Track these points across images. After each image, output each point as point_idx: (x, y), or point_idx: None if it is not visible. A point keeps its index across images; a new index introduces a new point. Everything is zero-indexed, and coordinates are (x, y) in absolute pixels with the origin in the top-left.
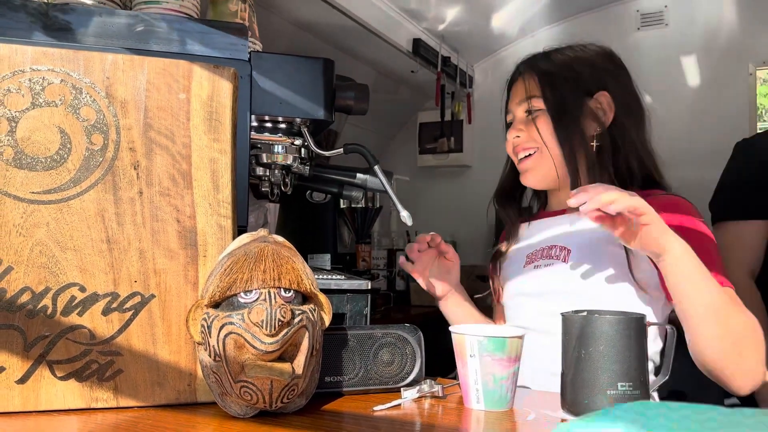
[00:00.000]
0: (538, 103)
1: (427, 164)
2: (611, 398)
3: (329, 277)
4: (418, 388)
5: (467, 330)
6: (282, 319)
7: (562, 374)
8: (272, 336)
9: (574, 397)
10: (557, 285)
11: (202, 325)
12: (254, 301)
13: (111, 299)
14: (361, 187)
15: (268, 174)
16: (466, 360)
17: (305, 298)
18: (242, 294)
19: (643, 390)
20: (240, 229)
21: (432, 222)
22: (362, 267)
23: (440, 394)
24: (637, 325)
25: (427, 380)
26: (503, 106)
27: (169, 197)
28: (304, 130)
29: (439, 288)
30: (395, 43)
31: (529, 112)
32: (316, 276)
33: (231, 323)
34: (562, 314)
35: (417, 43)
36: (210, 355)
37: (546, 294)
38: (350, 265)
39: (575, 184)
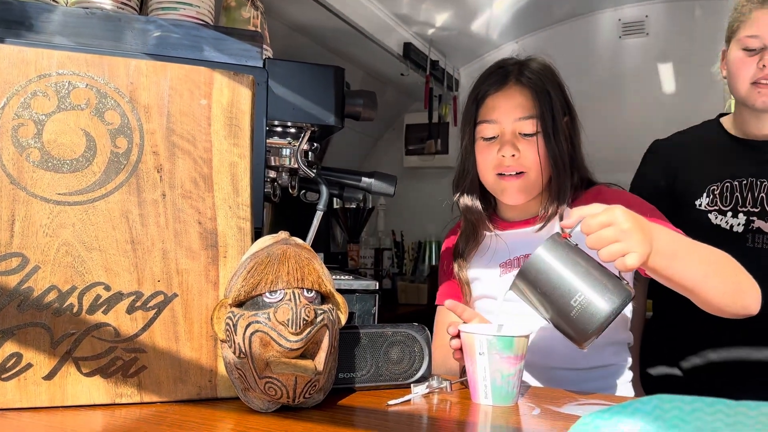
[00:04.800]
0: (537, 124)
1: (412, 165)
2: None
3: (338, 277)
4: (427, 383)
5: (476, 329)
6: (306, 318)
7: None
8: (297, 334)
9: (572, 333)
10: None
11: (227, 324)
12: (279, 300)
13: (135, 298)
14: (365, 191)
15: (275, 177)
16: (475, 358)
17: (323, 298)
18: (267, 294)
19: (606, 290)
20: (256, 230)
21: (417, 222)
22: (350, 266)
23: (448, 390)
24: (562, 245)
25: (435, 377)
26: (471, 109)
27: (191, 200)
28: (306, 134)
29: None
30: (387, 46)
31: (524, 133)
32: None
33: (257, 322)
34: (510, 288)
35: (408, 47)
36: (234, 352)
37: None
38: (343, 265)
39: (545, 195)
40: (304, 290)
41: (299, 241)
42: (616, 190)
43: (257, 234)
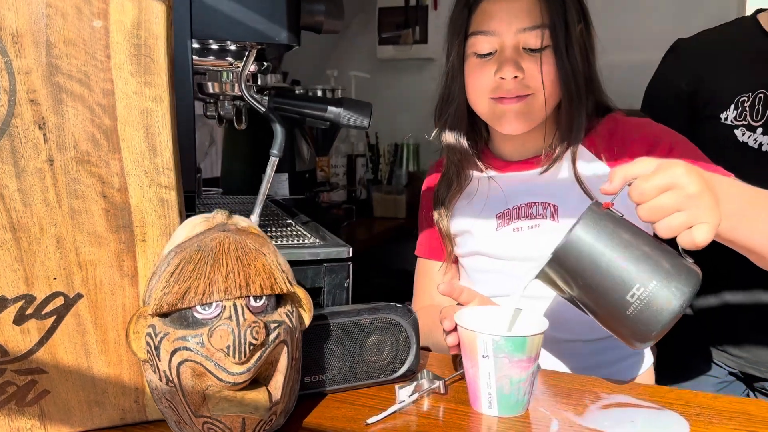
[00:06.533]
0: (545, 36)
1: (387, 56)
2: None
3: (300, 242)
4: (415, 384)
5: (477, 324)
6: (254, 341)
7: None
8: (242, 364)
9: (624, 333)
10: (549, 248)
11: (148, 343)
12: (216, 317)
13: (24, 303)
14: (332, 122)
15: (217, 107)
16: (476, 360)
17: (279, 296)
18: (199, 308)
19: (672, 278)
20: (187, 196)
21: (393, 122)
22: (320, 177)
23: (442, 391)
24: (605, 218)
25: (425, 372)
26: (461, 16)
27: (89, 165)
28: (251, 56)
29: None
30: None
31: (529, 48)
32: (283, 244)
33: (186, 348)
34: (536, 276)
35: None
36: (161, 380)
37: (533, 259)
38: (310, 184)
39: (551, 127)
40: (250, 299)
41: (243, 223)
42: (637, 119)
43: (190, 205)
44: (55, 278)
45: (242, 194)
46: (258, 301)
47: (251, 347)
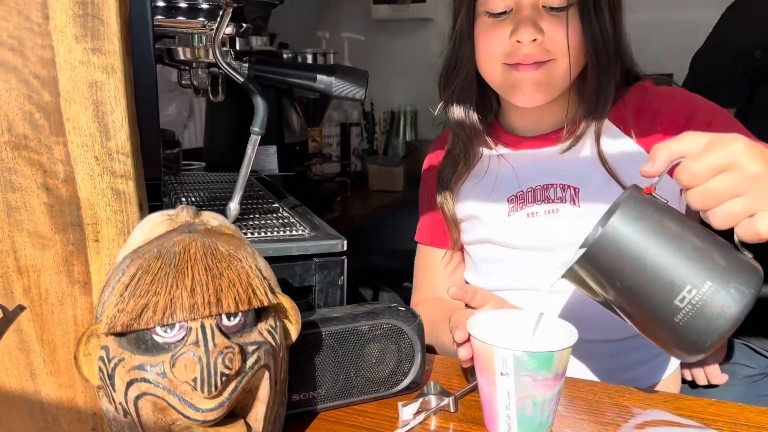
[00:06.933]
0: None
1: (382, 16)
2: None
3: (288, 233)
4: (421, 400)
5: (494, 334)
6: (227, 371)
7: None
8: (213, 398)
9: (668, 341)
10: (568, 236)
11: (101, 368)
12: (179, 341)
13: None
14: (323, 93)
15: (191, 75)
16: (494, 378)
17: (260, 308)
18: (158, 329)
19: (730, 277)
20: (149, 185)
21: (389, 88)
22: (312, 148)
23: (452, 410)
24: (647, 206)
25: (431, 384)
26: None
27: (27, 151)
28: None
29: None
30: None
31: (550, 6)
32: (268, 236)
33: (144, 380)
34: (565, 275)
35: None
36: (117, 411)
37: (549, 249)
38: (301, 157)
39: (573, 99)
40: (222, 317)
41: (212, 220)
42: (669, 88)
43: (153, 197)
44: None
45: (227, 169)
46: (232, 319)
47: (223, 378)
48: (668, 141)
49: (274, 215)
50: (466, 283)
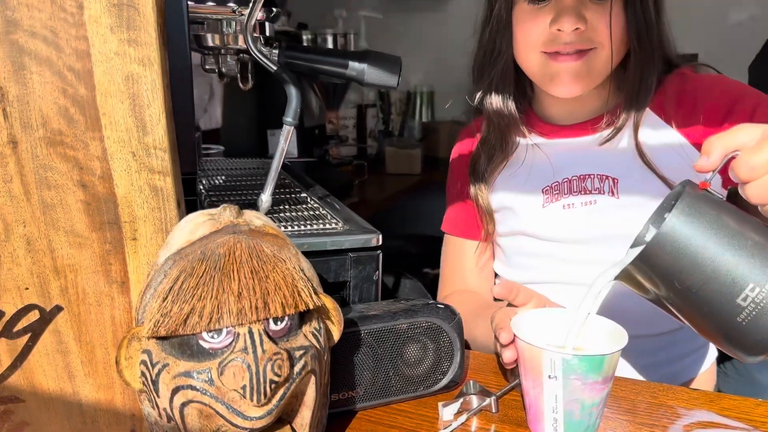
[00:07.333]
0: None
1: None
2: (751, 311)
3: (321, 226)
4: (461, 400)
5: (539, 335)
6: (276, 378)
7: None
8: (262, 406)
9: (731, 343)
10: (606, 228)
11: (143, 373)
12: (227, 347)
13: None
14: (355, 81)
15: (218, 61)
16: (541, 381)
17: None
18: (205, 335)
19: None
20: (186, 180)
21: (404, 67)
22: (329, 131)
23: (493, 410)
24: (704, 202)
25: (470, 383)
26: None
27: (63, 147)
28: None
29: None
30: None
31: None
32: (301, 230)
33: (191, 387)
34: (618, 276)
35: None
36: (161, 417)
37: (586, 242)
38: (320, 141)
39: (614, 87)
40: (269, 321)
41: (256, 220)
42: (710, 76)
43: (189, 194)
44: (26, 288)
45: (245, 154)
46: (279, 323)
47: (273, 385)
48: (722, 134)
49: (304, 206)
50: (496, 275)
